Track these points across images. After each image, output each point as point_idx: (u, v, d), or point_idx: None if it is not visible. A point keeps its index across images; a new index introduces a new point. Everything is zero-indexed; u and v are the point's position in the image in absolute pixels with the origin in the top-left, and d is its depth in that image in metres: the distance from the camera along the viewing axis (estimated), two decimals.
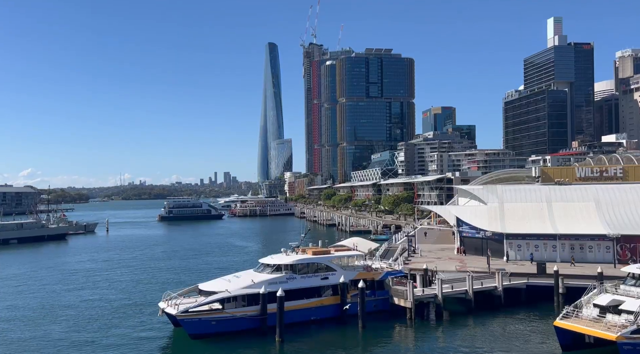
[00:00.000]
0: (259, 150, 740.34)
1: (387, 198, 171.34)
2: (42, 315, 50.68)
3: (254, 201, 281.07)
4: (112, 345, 40.41)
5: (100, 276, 75.74)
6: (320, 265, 47.41)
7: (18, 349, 39.54)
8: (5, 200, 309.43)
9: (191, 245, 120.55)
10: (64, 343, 40.84)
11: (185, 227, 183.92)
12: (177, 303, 42.41)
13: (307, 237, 57.14)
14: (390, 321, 46.11)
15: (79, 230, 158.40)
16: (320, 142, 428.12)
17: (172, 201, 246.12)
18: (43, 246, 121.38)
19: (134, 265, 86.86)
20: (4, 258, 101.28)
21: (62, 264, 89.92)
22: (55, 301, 57.68)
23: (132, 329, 44.90)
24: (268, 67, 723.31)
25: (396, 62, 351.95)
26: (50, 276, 75.67)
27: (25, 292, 63.69)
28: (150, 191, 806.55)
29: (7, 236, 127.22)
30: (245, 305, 42.71)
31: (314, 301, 45.66)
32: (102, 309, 52.68)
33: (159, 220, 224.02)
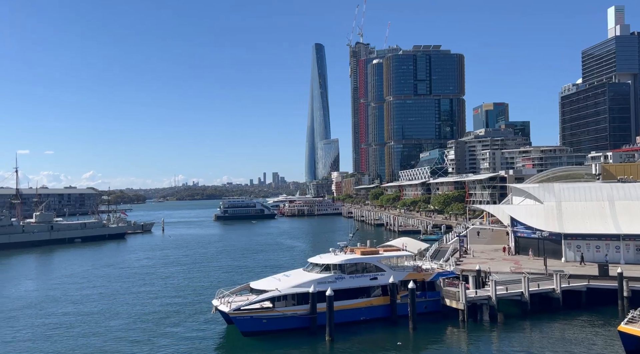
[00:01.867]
0: (306, 150, 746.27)
1: (437, 198, 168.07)
2: (103, 311, 53.35)
3: (301, 201, 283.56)
4: (168, 341, 41.96)
5: (157, 273, 78.87)
6: (369, 265, 47.20)
7: (81, 344, 41.74)
8: (69, 201, 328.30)
9: (243, 243, 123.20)
10: (124, 338, 42.78)
11: (238, 226, 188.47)
12: (229, 301, 43.47)
13: (355, 237, 57.06)
14: (442, 323, 45.24)
15: (137, 229, 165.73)
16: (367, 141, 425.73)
17: (227, 201, 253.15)
18: (104, 245, 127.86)
19: (189, 263, 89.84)
20: (70, 256, 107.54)
21: (121, 262, 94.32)
22: (115, 297, 60.58)
23: (187, 326, 46.46)
24: (315, 67, 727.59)
25: (445, 58, 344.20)
26: (110, 274, 79.58)
27: (89, 288, 67.29)
28: (202, 192, 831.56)
29: (72, 235, 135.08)
30: (295, 304, 43.19)
31: (363, 301, 45.52)
32: (159, 306, 54.81)
33: (214, 219, 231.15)
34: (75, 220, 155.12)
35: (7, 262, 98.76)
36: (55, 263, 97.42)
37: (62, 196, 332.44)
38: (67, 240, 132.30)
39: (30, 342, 42.42)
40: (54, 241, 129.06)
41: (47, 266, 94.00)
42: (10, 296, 62.67)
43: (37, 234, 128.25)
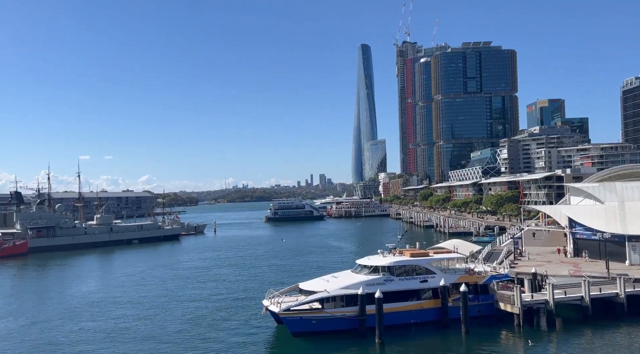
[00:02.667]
0: (352, 152, 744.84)
1: (490, 198, 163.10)
2: (159, 310, 55.37)
3: (348, 202, 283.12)
4: (221, 340, 42.98)
5: (209, 274, 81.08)
6: (418, 267, 46.43)
7: (137, 342, 43.45)
8: (127, 204, 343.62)
9: (292, 245, 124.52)
10: (178, 337, 44.16)
11: (288, 228, 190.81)
12: (279, 301, 44.01)
13: (404, 239, 56.21)
14: (496, 327, 43.80)
15: (190, 230, 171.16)
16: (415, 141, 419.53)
17: (277, 203, 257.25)
18: (160, 246, 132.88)
19: (240, 264, 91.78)
20: (128, 256, 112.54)
21: (175, 262, 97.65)
22: (170, 297, 62.72)
23: (239, 325, 47.44)
24: (361, 68, 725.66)
25: (496, 55, 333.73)
26: (166, 274, 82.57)
27: (145, 288, 70.08)
28: (252, 194, 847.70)
29: (130, 236, 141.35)
30: (344, 306, 43.14)
31: (413, 304, 44.82)
32: (212, 305, 56.28)
33: (265, 220, 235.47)
34: (133, 222, 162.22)
35: (71, 262, 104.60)
36: (114, 263, 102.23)
37: (120, 199, 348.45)
38: (125, 241, 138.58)
39: (92, 339, 44.69)
40: (113, 243, 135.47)
41: (107, 266, 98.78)
42: (75, 295, 66.31)
43: (98, 235, 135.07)
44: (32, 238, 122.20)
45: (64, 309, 56.34)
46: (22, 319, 52.22)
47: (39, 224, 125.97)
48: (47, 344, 42.82)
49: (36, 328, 48.40)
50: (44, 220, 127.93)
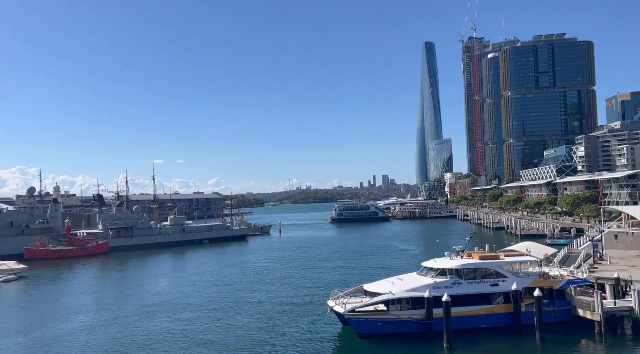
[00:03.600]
0: (416, 152, 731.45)
1: (565, 198, 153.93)
2: (227, 309, 57.16)
3: (413, 203, 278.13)
4: (287, 339, 43.66)
5: (275, 273, 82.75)
6: (488, 270, 44.68)
7: (206, 340, 45.02)
8: (197, 205, 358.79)
9: (356, 246, 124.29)
10: (245, 336, 45.30)
11: (352, 229, 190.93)
12: (344, 302, 44.03)
13: (472, 241, 54.37)
14: (574, 335, 41.18)
15: (256, 231, 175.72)
16: (483, 140, 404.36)
17: (342, 204, 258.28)
18: (228, 246, 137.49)
19: (304, 264, 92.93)
20: (199, 255, 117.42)
21: (243, 262, 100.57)
22: (238, 296, 64.62)
23: (305, 325, 47.98)
24: (425, 66, 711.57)
25: (570, 47, 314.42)
26: (234, 273, 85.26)
27: (215, 286, 72.72)
28: (315, 195, 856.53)
29: (201, 236, 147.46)
30: (410, 308, 42.40)
31: (483, 308, 43.17)
32: (278, 305, 57.36)
33: (329, 221, 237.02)
34: (203, 223, 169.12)
35: (147, 260, 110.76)
36: (186, 262, 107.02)
37: (191, 201, 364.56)
38: (197, 241, 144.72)
39: (165, 335, 46.99)
40: (185, 242, 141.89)
41: (179, 265, 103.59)
42: (151, 292, 70.10)
43: (171, 235, 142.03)
44: (112, 238, 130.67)
45: (141, 306, 59.71)
46: (105, 314, 55.93)
47: (119, 225, 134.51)
48: (125, 339, 45.54)
49: (116, 323, 51.64)
50: (123, 220, 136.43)
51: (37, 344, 44.42)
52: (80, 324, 51.48)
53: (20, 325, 52.53)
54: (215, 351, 40.87)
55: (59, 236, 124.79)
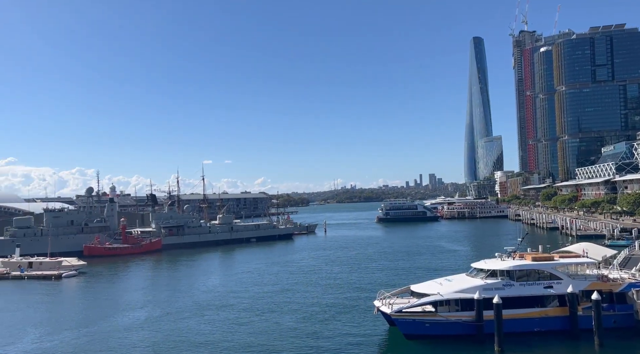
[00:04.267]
0: (465, 150, 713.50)
1: (626, 197, 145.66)
2: (274, 307, 57.90)
3: (461, 203, 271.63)
4: (333, 339, 43.69)
5: (321, 272, 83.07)
6: (542, 272, 42.97)
7: (254, 338, 45.74)
8: (245, 205, 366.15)
9: (402, 246, 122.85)
10: (292, 335, 45.62)
11: (399, 228, 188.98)
12: (390, 303, 43.61)
13: (525, 241, 52.43)
14: (637, 341, 38.89)
15: (302, 230, 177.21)
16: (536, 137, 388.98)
17: (389, 203, 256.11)
18: (275, 245, 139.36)
19: (350, 263, 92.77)
20: (247, 254, 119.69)
21: (290, 261, 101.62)
22: (285, 294, 65.31)
23: (351, 325, 47.86)
24: (473, 62, 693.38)
25: (631, 38, 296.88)
26: (281, 271, 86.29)
27: (263, 285, 73.86)
28: (360, 195, 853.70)
29: (249, 235, 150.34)
30: (459, 310, 41.43)
31: (536, 311, 41.56)
32: (324, 304, 57.55)
33: (376, 221, 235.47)
34: (250, 222, 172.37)
35: (198, 258, 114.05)
36: (235, 260, 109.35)
37: (239, 200, 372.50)
38: (244, 239, 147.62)
39: (215, 331, 48.19)
40: (234, 241, 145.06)
41: (228, 262, 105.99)
42: (201, 289, 72.11)
43: (220, 234, 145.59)
44: (165, 236, 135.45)
45: (192, 303, 61.54)
46: (157, 310, 58.04)
47: (170, 223, 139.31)
48: (177, 334, 47.06)
49: (168, 319, 53.46)
50: (175, 219, 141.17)
51: (96, 338, 46.67)
52: (135, 320, 53.68)
53: (81, 319, 55.40)
54: (262, 349, 41.45)
55: (115, 234, 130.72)
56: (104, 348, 43.18)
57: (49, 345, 44.75)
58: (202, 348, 42.11)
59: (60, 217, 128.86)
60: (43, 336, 48.10)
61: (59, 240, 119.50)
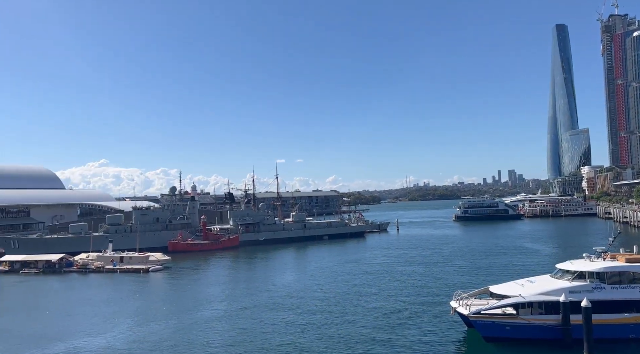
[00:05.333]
0: (547, 144, 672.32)
1: None
2: (347, 304, 57.99)
3: (544, 200, 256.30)
4: (408, 340, 42.99)
5: (394, 271, 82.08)
6: (637, 274, 39.52)
7: (328, 336, 45.98)
8: (317, 203, 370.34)
9: (480, 245, 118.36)
10: (364, 334, 45.42)
11: (478, 227, 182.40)
12: (468, 304, 42.20)
13: (617, 241, 48.49)
14: None
15: (374, 228, 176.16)
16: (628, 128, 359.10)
17: (467, 201, 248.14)
18: (346, 243, 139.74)
19: (424, 263, 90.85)
20: (319, 251, 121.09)
21: (362, 259, 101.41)
22: (358, 293, 65.17)
23: (426, 326, 46.85)
24: (556, 51, 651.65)
25: None
26: (353, 270, 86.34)
27: (336, 282, 74.30)
28: (433, 192, 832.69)
29: (321, 233, 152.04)
30: (543, 313, 39.18)
31: (631, 317, 38.31)
32: (397, 304, 56.78)
33: (454, 219, 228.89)
34: (322, 220, 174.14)
35: (272, 255, 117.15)
36: (308, 257, 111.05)
37: (311, 198, 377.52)
38: (317, 237, 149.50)
39: (289, 327, 49.19)
40: (306, 238, 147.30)
41: (302, 259, 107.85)
42: (277, 285, 74.00)
43: (294, 231, 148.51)
44: (242, 233, 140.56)
45: (268, 298, 63.32)
46: (235, 305, 60.32)
47: (247, 221, 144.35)
48: (254, 328, 48.61)
49: (245, 313, 55.36)
50: (251, 217, 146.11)
51: (179, 330, 49.43)
52: (214, 313, 56.17)
53: (166, 311, 58.93)
54: (335, 347, 41.69)
55: (196, 231, 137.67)
56: (185, 339, 45.60)
57: (138, 335, 48.05)
58: (275, 344, 43.10)
59: (147, 215, 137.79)
60: (133, 326, 51.72)
61: (146, 236, 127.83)
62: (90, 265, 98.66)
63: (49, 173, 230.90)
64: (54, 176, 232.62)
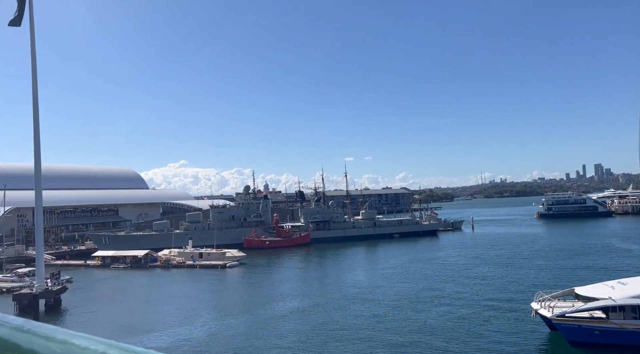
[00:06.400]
0: None
1: None
2: (420, 304, 56.90)
3: (637, 196, 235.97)
4: (485, 340, 41.43)
5: (468, 271, 79.30)
6: None
7: (399, 334, 45.42)
8: (387, 200, 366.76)
9: (564, 244, 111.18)
10: (438, 333, 44.41)
11: (563, 225, 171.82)
12: (551, 306, 39.90)
13: None
14: None
15: (447, 226, 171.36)
16: None
17: (551, 198, 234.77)
18: (418, 241, 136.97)
19: (501, 263, 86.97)
20: (390, 249, 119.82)
21: (434, 258, 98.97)
22: (431, 293, 63.66)
23: (505, 327, 44.82)
24: None
25: None
26: (426, 268, 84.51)
27: (408, 281, 73.15)
28: (511, 189, 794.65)
29: (391, 231, 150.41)
30: (637, 318, 36.14)
31: None
32: (474, 304, 54.84)
33: (537, 217, 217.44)
34: (393, 218, 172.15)
35: (343, 252, 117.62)
36: (378, 255, 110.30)
37: (380, 196, 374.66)
38: (387, 235, 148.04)
39: (361, 325, 49.12)
40: (377, 236, 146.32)
41: (372, 257, 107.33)
42: (347, 282, 74.21)
43: (364, 229, 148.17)
44: (312, 231, 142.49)
45: (339, 295, 63.65)
46: (307, 301, 61.23)
47: (317, 218, 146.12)
48: (324, 326, 48.94)
49: (317, 310, 56.03)
50: (321, 215, 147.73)
51: (254, 324, 51.04)
52: (287, 309, 57.38)
53: (242, 306, 61.10)
54: (407, 349, 41.06)
55: (269, 228, 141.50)
56: (259, 334, 46.98)
57: (216, 328, 50.22)
58: (346, 342, 43.21)
59: (223, 213, 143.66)
60: (212, 320, 54.15)
61: (223, 233, 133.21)
62: (172, 261, 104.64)
63: (135, 174, 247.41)
64: (139, 177, 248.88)
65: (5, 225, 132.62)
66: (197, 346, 44.19)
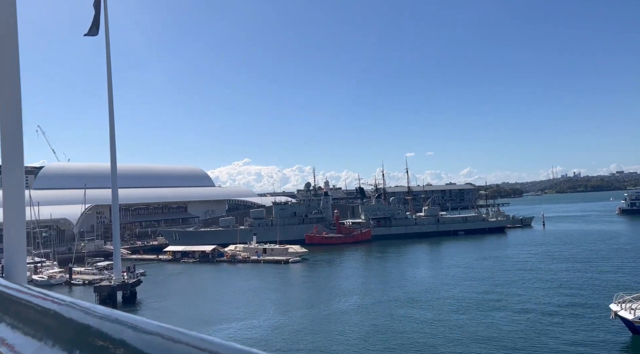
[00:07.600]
0: None
1: None
2: (488, 302, 55.00)
3: None
4: (561, 342, 39.29)
5: (539, 270, 75.53)
6: None
7: (467, 336, 44.04)
8: (450, 196, 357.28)
9: None
10: (509, 332, 42.71)
11: None
12: (633, 308, 37.16)
13: None
14: None
15: (515, 223, 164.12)
16: None
17: (636, 192, 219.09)
18: (485, 238, 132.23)
19: (575, 261, 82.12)
20: (455, 247, 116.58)
21: (502, 256, 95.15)
22: (499, 293, 61.15)
23: (581, 330, 42.23)
24: None
25: None
26: (492, 267, 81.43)
27: (473, 279, 70.90)
28: (585, 184, 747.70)
29: (456, 228, 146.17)
30: None
31: None
32: (544, 305, 52.22)
33: (618, 213, 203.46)
34: (457, 214, 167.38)
35: (405, 249, 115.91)
36: (442, 253, 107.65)
37: (443, 192, 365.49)
38: (451, 232, 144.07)
39: (423, 323, 48.21)
40: (440, 233, 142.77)
41: (436, 255, 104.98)
42: (410, 279, 73.09)
43: (427, 226, 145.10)
44: (373, 227, 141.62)
45: (402, 293, 62.80)
46: (370, 298, 60.90)
47: (378, 215, 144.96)
48: (384, 324, 48.45)
49: (379, 307, 55.60)
50: (382, 211, 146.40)
51: (317, 319, 51.53)
52: (348, 305, 57.40)
53: (305, 301, 61.90)
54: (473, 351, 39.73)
55: (330, 225, 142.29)
56: (322, 329, 47.35)
57: (280, 322, 51.24)
58: (409, 342, 42.49)
59: (285, 209, 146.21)
60: (276, 314, 55.31)
61: (285, 229, 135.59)
62: (237, 256, 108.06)
63: (202, 173, 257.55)
64: (206, 175, 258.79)
65: (86, 221, 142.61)
66: (262, 339, 45.30)
